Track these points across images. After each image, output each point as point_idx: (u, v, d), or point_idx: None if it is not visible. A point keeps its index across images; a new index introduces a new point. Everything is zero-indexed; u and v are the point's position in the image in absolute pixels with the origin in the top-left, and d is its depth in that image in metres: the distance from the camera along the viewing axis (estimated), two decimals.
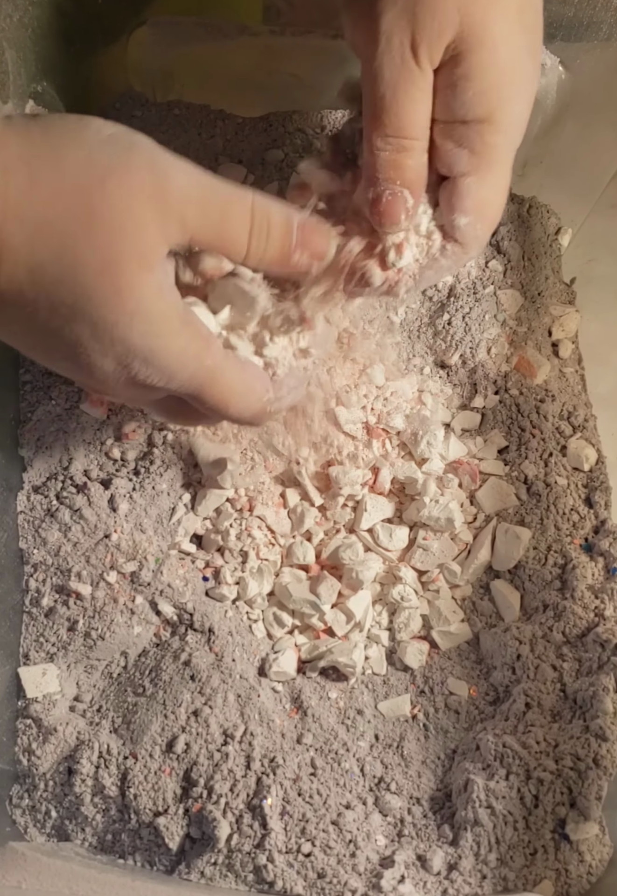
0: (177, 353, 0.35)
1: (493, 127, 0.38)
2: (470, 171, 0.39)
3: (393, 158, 0.38)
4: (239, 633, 0.52)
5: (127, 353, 0.34)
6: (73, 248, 0.32)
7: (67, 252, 0.32)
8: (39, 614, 0.50)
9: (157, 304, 0.34)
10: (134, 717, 0.47)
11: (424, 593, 0.52)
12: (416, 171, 0.39)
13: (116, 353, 0.34)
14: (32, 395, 0.53)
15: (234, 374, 0.38)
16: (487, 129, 0.38)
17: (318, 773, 0.45)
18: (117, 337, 0.34)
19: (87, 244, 0.32)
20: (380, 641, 0.51)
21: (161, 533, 0.51)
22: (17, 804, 0.47)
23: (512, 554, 0.51)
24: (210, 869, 0.42)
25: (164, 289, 0.35)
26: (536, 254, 0.59)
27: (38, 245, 0.31)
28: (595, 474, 0.54)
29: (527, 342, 0.57)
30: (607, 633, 0.47)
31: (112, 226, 0.32)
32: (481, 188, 0.40)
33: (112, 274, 0.32)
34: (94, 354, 0.34)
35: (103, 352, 0.34)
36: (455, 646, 0.51)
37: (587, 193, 0.59)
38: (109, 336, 0.33)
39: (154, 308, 0.34)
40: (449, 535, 0.52)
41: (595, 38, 0.53)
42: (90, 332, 0.33)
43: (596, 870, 0.42)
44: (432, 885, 0.41)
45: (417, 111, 0.38)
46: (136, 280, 0.33)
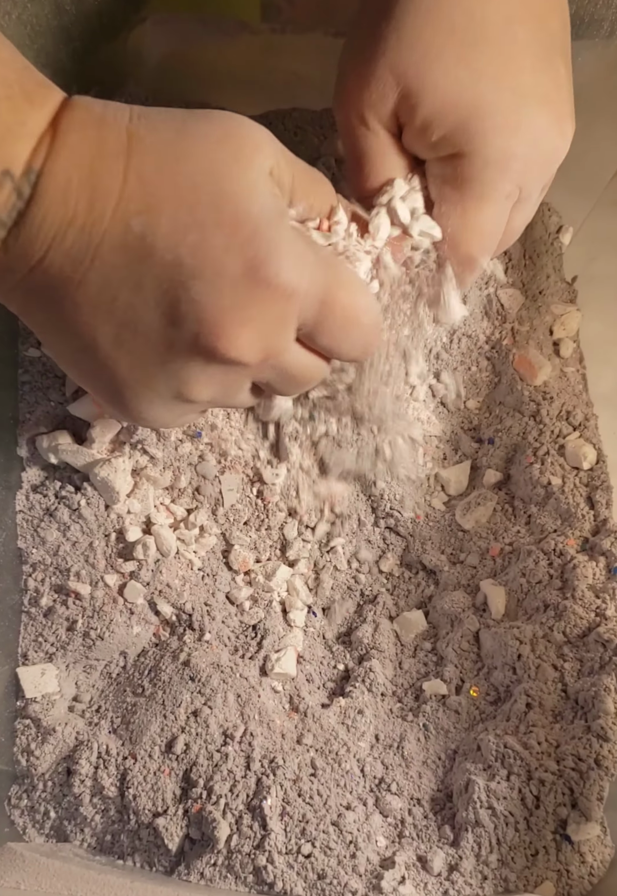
0: (300, 247, 0.33)
1: (465, 160, 0.39)
2: (443, 198, 0.40)
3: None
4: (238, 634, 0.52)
5: (250, 238, 0.32)
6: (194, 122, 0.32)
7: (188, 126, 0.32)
8: (38, 614, 0.50)
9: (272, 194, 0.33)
10: (133, 717, 0.47)
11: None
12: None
13: (242, 241, 0.31)
14: (31, 396, 0.52)
15: (353, 277, 0.38)
16: (460, 162, 0.39)
17: (318, 774, 0.45)
18: (240, 215, 0.31)
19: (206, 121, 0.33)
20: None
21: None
22: (15, 804, 0.47)
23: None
24: (210, 870, 0.42)
25: (273, 187, 0.34)
26: (537, 252, 0.59)
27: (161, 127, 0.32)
28: (596, 473, 0.54)
29: (528, 341, 0.57)
30: (609, 633, 0.46)
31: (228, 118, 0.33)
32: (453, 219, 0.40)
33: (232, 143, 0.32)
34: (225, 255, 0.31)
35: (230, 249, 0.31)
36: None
37: (589, 191, 0.59)
38: (232, 214, 0.31)
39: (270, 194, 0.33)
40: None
41: (596, 35, 0.53)
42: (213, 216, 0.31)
43: (597, 871, 0.42)
44: (433, 887, 0.41)
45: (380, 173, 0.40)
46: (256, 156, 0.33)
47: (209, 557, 0.53)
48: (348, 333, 0.37)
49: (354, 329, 0.37)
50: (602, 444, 0.55)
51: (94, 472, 0.50)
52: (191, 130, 0.32)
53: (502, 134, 0.38)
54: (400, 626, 0.54)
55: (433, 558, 0.55)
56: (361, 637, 0.53)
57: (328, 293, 0.35)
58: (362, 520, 0.55)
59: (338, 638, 0.55)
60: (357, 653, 0.53)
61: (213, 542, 0.53)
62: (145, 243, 0.31)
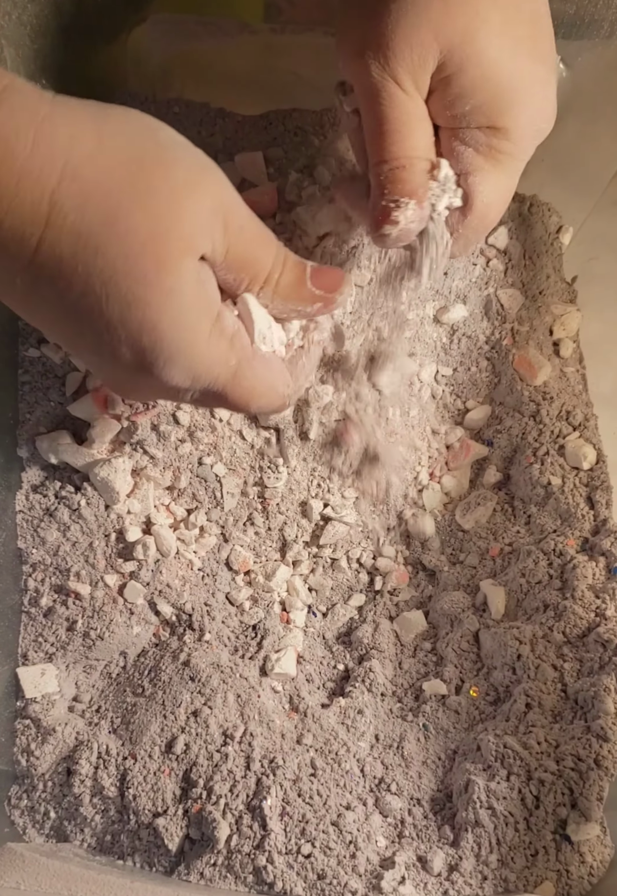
0: (202, 353, 0.35)
1: (500, 132, 0.39)
2: (474, 169, 0.40)
3: (392, 174, 0.39)
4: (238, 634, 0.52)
5: (153, 346, 0.34)
6: (125, 214, 0.32)
7: (119, 218, 0.32)
8: (38, 614, 0.50)
9: (193, 292, 0.34)
10: (133, 717, 0.47)
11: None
12: (414, 184, 0.39)
13: (142, 346, 0.34)
14: (31, 396, 0.52)
15: (257, 373, 0.38)
16: (494, 133, 0.39)
17: (318, 774, 0.45)
18: (147, 322, 0.33)
19: (139, 214, 0.32)
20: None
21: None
22: (15, 805, 0.47)
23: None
24: (209, 870, 0.42)
25: (202, 282, 0.35)
26: (538, 252, 0.59)
27: (91, 208, 0.31)
28: (596, 473, 0.54)
29: (528, 341, 0.57)
30: (609, 634, 0.46)
31: (168, 205, 0.33)
32: (484, 188, 0.40)
33: (158, 246, 0.32)
34: (121, 347, 0.34)
35: (129, 342, 0.34)
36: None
37: (589, 191, 0.59)
38: (139, 321, 0.33)
39: (190, 294, 0.34)
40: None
41: (596, 35, 0.53)
42: (120, 315, 0.33)
43: (597, 871, 0.42)
44: (433, 887, 0.41)
45: (412, 136, 0.39)
46: (179, 261, 0.33)
47: (209, 558, 0.53)
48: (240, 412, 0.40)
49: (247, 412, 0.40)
50: (602, 444, 0.55)
51: (94, 472, 0.50)
52: (120, 221, 0.32)
53: (535, 110, 0.39)
54: (400, 626, 0.54)
55: (433, 558, 0.56)
56: (361, 637, 0.53)
57: (223, 393, 0.37)
58: (363, 520, 0.55)
59: (338, 638, 0.55)
60: (357, 653, 0.53)
61: (213, 543, 0.53)
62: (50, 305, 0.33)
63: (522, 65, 0.38)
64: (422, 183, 0.40)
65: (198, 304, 0.35)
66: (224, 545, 0.54)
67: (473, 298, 0.57)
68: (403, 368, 0.54)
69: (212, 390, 0.37)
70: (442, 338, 0.57)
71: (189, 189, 0.33)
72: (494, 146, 0.39)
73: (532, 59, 0.39)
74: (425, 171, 0.40)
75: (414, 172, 0.39)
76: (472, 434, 0.58)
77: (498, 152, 0.40)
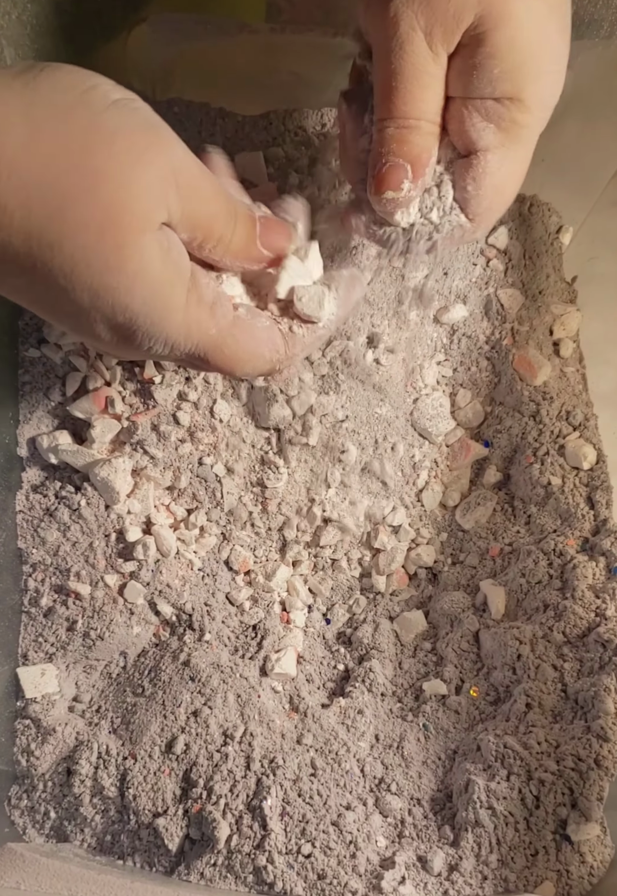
0: (179, 323, 0.35)
1: (522, 105, 0.37)
2: (494, 146, 0.38)
3: (397, 133, 0.38)
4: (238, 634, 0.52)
5: (129, 324, 0.33)
6: (73, 205, 0.30)
7: (68, 210, 0.30)
8: (38, 614, 0.50)
9: (159, 266, 0.33)
10: (133, 717, 0.47)
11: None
12: (420, 148, 0.38)
13: (117, 324, 0.33)
14: (31, 396, 0.52)
15: (240, 341, 0.38)
16: (516, 106, 0.37)
17: (318, 774, 0.45)
18: (118, 305, 0.33)
19: (89, 202, 0.31)
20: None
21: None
22: (15, 805, 0.47)
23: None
24: (210, 870, 0.42)
25: (167, 250, 0.34)
26: (537, 252, 0.59)
27: (37, 205, 0.30)
28: (596, 473, 0.54)
29: (528, 341, 0.57)
30: (609, 634, 0.46)
31: (117, 184, 0.31)
32: (503, 166, 0.39)
33: (114, 232, 0.31)
34: (96, 326, 0.33)
35: (105, 322, 0.33)
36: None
37: (588, 191, 0.59)
38: (110, 305, 0.32)
39: (156, 269, 0.33)
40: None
41: (596, 35, 0.53)
42: (90, 301, 0.32)
43: (597, 871, 0.42)
44: (433, 887, 0.41)
45: (426, 98, 0.37)
46: (139, 240, 0.32)
47: (209, 558, 0.53)
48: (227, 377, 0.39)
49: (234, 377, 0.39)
50: (602, 444, 0.55)
51: (95, 472, 0.50)
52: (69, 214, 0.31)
53: (555, 83, 0.38)
54: (400, 626, 0.54)
55: (433, 558, 0.56)
56: (361, 637, 0.53)
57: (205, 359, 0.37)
58: (363, 518, 0.55)
59: (338, 638, 0.55)
60: (357, 653, 0.53)
61: (214, 543, 0.53)
62: (20, 295, 0.33)
63: (552, 33, 0.37)
64: (427, 148, 0.38)
65: (167, 277, 0.34)
66: (224, 545, 0.54)
67: (473, 298, 0.57)
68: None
69: (193, 357, 0.37)
70: (442, 338, 0.57)
71: (135, 160, 0.32)
72: (516, 120, 0.37)
73: (560, 30, 0.37)
74: (432, 137, 0.38)
75: (420, 135, 0.38)
76: (471, 434, 0.58)
77: (519, 127, 0.38)
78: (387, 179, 0.38)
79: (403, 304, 0.53)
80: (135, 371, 0.52)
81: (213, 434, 0.52)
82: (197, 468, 0.52)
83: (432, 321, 0.56)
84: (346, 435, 0.53)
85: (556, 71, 0.38)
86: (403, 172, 0.38)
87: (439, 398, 0.56)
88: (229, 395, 0.52)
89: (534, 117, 0.38)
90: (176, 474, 0.52)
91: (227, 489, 0.52)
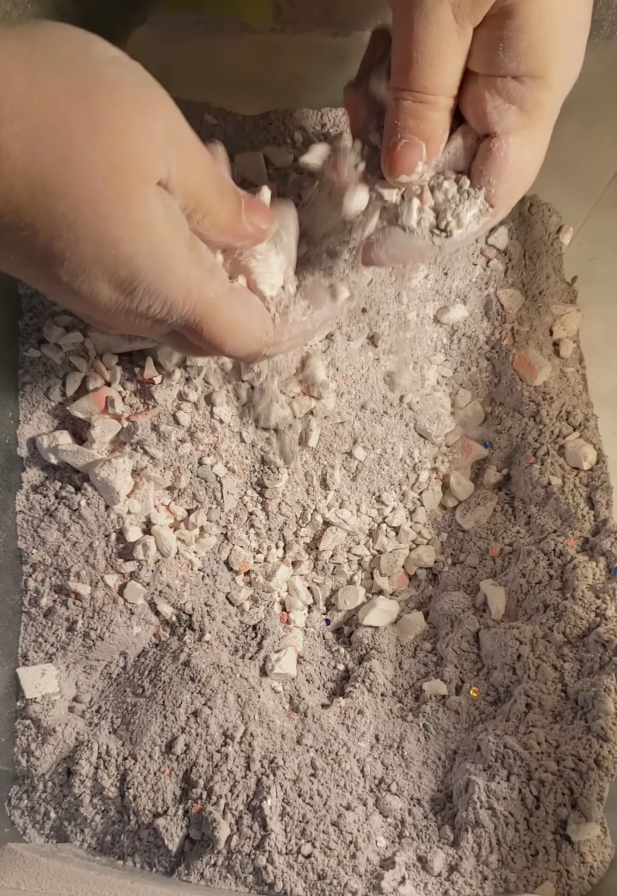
0: (180, 280, 0.34)
1: (545, 83, 0.36)
2: (516, 129, 0.37)
3: (415, 107, 0.37)
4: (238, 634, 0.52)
5: (131, 278, 0.33)
6: (79, 150, 0.30)
7: (73, 155, 0.30)
8: (38, 614, 0.50)
9: (163, 219, 0.33)
10: (133, 717, 0.47)
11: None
12: (436, 125, 0.37)
13: (120, 279, 0.33)
14: (31, 396, 0.52)
15: (235, 311, 0.37)
16: (539, 85, 0.36)
17: (318, 774, 0.45)
18: (122, 256, 0.32)
19: (94, 147, 0.30)
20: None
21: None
22: (15, 805, 0.47)
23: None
24: (210, 870, 0.42)
25: (169, 206, 0.33)
26: (538, 253, 0.59)
27: (41, 149, 0.29)
28: (596, 474, 0.54)
29: (528, 341, 0.57)
30: (609, 634, 0.46)
31: (122, 130, 0.31)
32: (524, 148, 0.38)
33: (120, 179, 0.31)
34: (96, 282, 0.33)
35: (106, 277, 0.33)
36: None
37: (589, 192, 0.59)
38: (113, 256, 0.32)
39: (161, 222, 0.32)
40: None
41: (596, 35, 0.52)
42: (93, 254, 0.31)
43: (597, 871, 0.42)
44: (433, 887, 0.41)
45: (446, 72, 0.36)
46: (145, 189, 0.32)
47: (209, 558, 0.53)
48: (215, 351, 0.39)
49: (222, 352, 0.38)
50: (602, 444, 0.55)
51: (95, 473, 0.50)
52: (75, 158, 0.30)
53: (573, 55, 0.37)
54: (400, 627, 0.54)
55: (433, 558, 0.56)
56: (361, 637, 0.53)
57: (199, 325, 0.36)
58: (363, 519, 0.55)
59: (338, 638, 0.55)
60: (357, 653, 0.53)
61: (214, 543, 0.53)
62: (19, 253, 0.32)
63: (577, 6, 0.36)
64: (443, 125, 0.37)
65: (170, 230, 0.33)
66: (224, 545, 0.54)
67: (473, 298, 0.57)
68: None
69: (189, 321, 0.36)
70: (442, 338, 0.57)
71: (139, 110, 0.31)
72: (539, 100, 0.37)
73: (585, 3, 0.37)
74: (448, 113, 0.37)
75: (438, 111, 0.37)
76: (471, 434, 0.58)
77: (542, 108, 0.37)
78: (401, 161, 0.38)
79: (400, 295, 0.53)
80: (135, 371, 0.52)
81: (214, 434, 0.52)
82: (197, 468, 0.52)
83: (432, 321, 0.56)
84: (346, 436, 0.53)
85: (579, 47, 0.37)
86: (418, 153, 0.37)
87: (439, 398, 0.56)
88: (230, 396, 0.52)
89: (555, 96, 0.37)
90: (176, 474, 0.52)
91: (228, 489, 0.52)
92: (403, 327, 0.54)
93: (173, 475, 0.52)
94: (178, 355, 0.51)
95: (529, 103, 0.37)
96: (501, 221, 0.56)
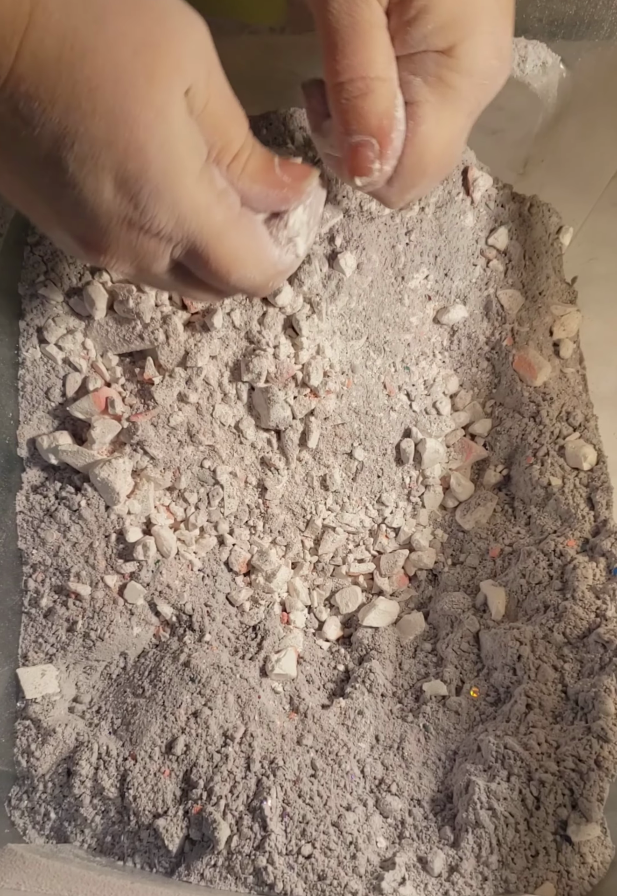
0: (190, 189, 0.33)
1: (452, 61, 0.36)
2: (423, 100, 0.37)
3: (353, 106, 0.36)
4: (238, 635, 0.52)
5: (140, 173, 0.31)
6: (115, 16, 0.30)
7: (109, 20, 0.29)
8: (38, 615, 0.50)
9: (182, 120, 0.32)
10: (133, 718, 0.47)
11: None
12: (378, 114, 0.36)
13: (127, 174, 0.31)
14: (31, 396, 0.52)
15: (244, 238, 0.36)
16: (444, 62, 0.36)
17: (318, 775, 0.45)
18: (134, 142, 0.31)
19: (131, 19, 0.30)
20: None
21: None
22: (15, 805, 0.47)
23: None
24: (210, 871, 0.42)
25: (189, 113, 0.32)
26: (537, 253, 0.59)
27: (78, 6, 0.29)
28: (596, 474, 0.54)
29: (528, 342, 0.57)
30: (609, 634, 0.46)
31: (160, 18, 0.31)
32: (430, 119, 0.37)
33: (150, 57, 0.30)
34: (102, 175, 0.31)
35: (113, 170, 0.31)
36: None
37: (589, 192, 0.59)
38: (126, 140, 0.31)
39: (179, 120, 0.32)
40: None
41: (596, 36, 0.52)
42: (106, 134, 0.30)
43: (598, 872, 0.42)
44: (433, 888, 0.41)
45: (366, 48, 0.36)
46: (171, 76, 0.31)
47: (209, 558, 0.53)
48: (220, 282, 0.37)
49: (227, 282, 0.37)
50: (602, 444, 0.55)
51: (95, 473, 0.50)
52: (110, 23, 0.30)
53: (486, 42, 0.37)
54: (400, 628, 0.54)
55: (433, 559, 0.56)
56: (361, 638, 0.53)
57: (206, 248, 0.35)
58: (363, 520, 0.55)
59: (338, 638, 0.55)
60: (357, 653, 0.53)
61: (214, 543, 0.53)
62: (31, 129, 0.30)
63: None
64: (385, 111, 0.37)
65: (187, 136, 0.32)
66: (224, 546, 0.54)
67: (473, 299, 0.57)
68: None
69: (195, 244, 0.35)
70: (442, 339, 0.57)
71: (181, 13, 0.32)
72: (444, 77, 0.37)
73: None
74: (388, 95, 0.36)
75: (375, 100, 0.36)
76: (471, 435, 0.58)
77: (446, 86, 0.37)
78: (355, 165, 0.37)
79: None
80: (135, 371, 0.52)
81: (214, 435, 0.51)
82: (197, 469, 0.52)
83: (432, 322, 0.56)
84: (346, 437, 0.53)
85: (490, 33, 0.37)
86: (370, 149, 0.37)
87: (440, 399, 0.56)
88: (230, 397, 0.52)
89: (463, 79, 0.37)
90: (176, 475, 0.52)
91: (228, 490, 0.52)
92: (403, 328, 0.54)
93: (173, 476, 0.52)
94: (178, 355, 0.51)
95: (433, 77, 0.37)
96: (501, 221, 0.56)
